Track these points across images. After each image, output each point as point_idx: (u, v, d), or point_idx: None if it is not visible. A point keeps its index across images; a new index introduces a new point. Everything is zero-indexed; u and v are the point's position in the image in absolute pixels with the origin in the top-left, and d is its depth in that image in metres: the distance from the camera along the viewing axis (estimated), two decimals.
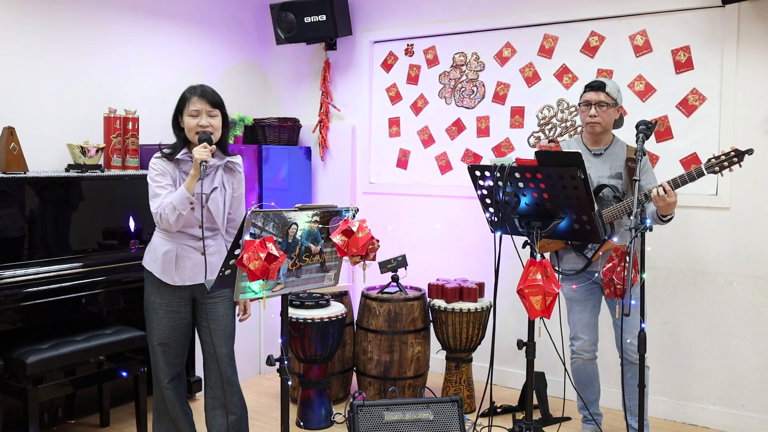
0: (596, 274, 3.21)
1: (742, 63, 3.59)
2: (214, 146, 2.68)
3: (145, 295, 2.81)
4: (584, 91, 3.21)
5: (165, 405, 2.87)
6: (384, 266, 3.99)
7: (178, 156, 2.75)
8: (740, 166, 2.92)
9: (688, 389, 3.82)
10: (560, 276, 3.26)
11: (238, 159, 2.88)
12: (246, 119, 4.64)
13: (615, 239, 3.12)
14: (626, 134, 3.63)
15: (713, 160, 2.92)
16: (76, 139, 3.91)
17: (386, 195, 4.83)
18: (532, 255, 2.46)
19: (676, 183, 2.93)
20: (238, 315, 2.94)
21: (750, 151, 2.89)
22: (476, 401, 4.03)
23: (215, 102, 2.76)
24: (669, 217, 3.03)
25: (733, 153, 2.90)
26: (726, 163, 2.90)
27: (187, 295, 2.78)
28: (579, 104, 3.23)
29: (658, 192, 2.91)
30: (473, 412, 3.92)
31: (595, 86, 3.16)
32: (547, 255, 3.32)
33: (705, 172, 2.92)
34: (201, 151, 2.60)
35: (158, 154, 2.77)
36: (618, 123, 3.26)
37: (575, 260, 3.23)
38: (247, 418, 2.94)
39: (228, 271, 2.36)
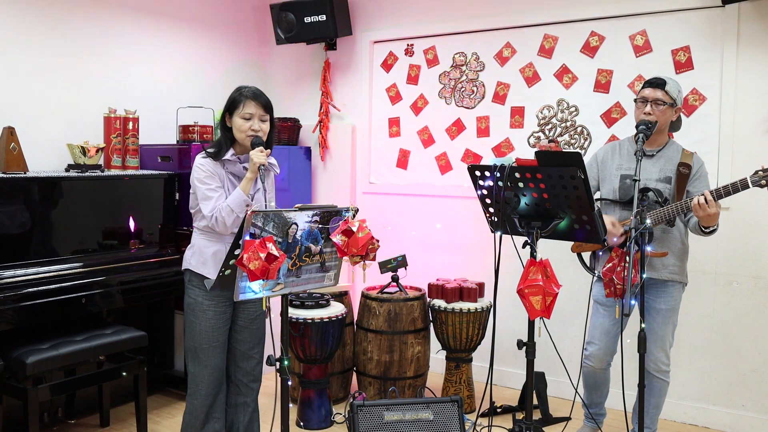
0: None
1: (742, 63, 3.59)
2: (269, 150, 2.74)
3: (190, 297, 2.81)
4: (642, 87, 3.05)
5: (196, 419, 2.85)
6: (384, 266, 3.99)
7: (227, 157, 2.77)
8: None
9: (688, 389, 3.82)
10: (596, 278, 3.18)
11: (273, 160, 2.93)
12: None
13: (649, 248, 2.86)
14: (627, 134, 3.63)
15: (761, 172, 2.77)
16: (76, 139, 3.91)
17: (386, 195, 4.83)
18: (532, 255, 2.45)
19: (719, 194, 2.78)
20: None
21: None
22: (476, 401, 4.03)
23: (268, 106, 2.81)
24: (711, 229, 2.90)
25: None
26: None
27: (231, 295, 2.80)
28: (635, 100, 3.08)
29: (698, 201, 2.78)
30: (473, 412, 3.92)
31: (654, 83, 3.00)
32: (586, 256, 3.27)
33: (750, 185, 2.76)
34: (260, 156, 2.65)
35: (203, 154, 2.79)
36: (675, 125, 3.10)
37: None
38: (259, 415, 3.03)
39: (228, 271, 2.36)
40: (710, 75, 3.69)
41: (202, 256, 2.78)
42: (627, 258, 2.56)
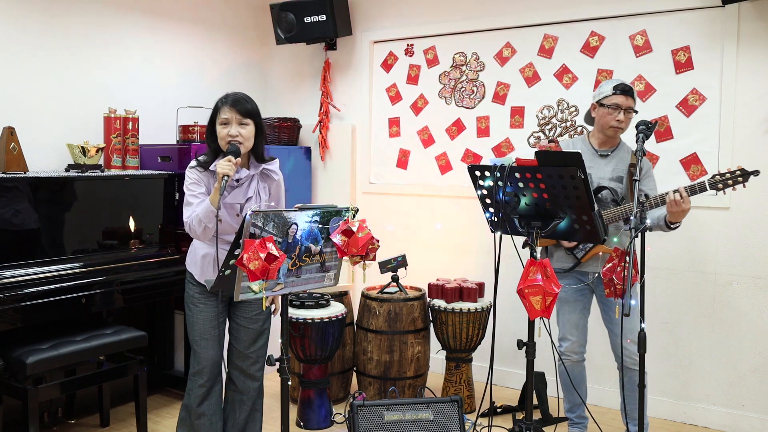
0: (590, 276, 3.18)
1: (742, 63, 3.59)
2: (239, 159, 2.66)
3: (185, 291, 2.87)
4: (613, 93, 3.09)
5: (190, 408, 2.88)
6: (384, 266, 3.99)
7: (212, 167, 2.73)
8: (744, 186, 2.91)
9: (688, 389, 3.82)
10: None
11: (274, 165, 2.88)
12: None
13: (614, 241, 3.08)
14: (626, 134, 3.63)
15: (718, 176, 2.91)
16: (76, 139, 3.91)
17: (386, 195, 4.83)
18: (532, 255, 2.45)
19: (693, 190, 2.90)
20: (273, 312, 3.00)
21: (756, 173, 2.88)
22: (476, 401, 4.03)
23: (245, 111, 2.71)
24: (676, 225, 3.01)
25: (739, 172, 2.88)
26: (730, 182, 2.88)
27: (225, 294, 2.82)
28: (604, 105, 3.11)
29: (674, 197, 2.87)
30: (473, 412, 3.92)
31: (627, 91, 3.08)
32: (538, 251, 3.30)
33: (708, 188, 2.90)
34: (224, 165, 2.57)
35: (193, 163, 2.78)
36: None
37: (565, 259, 3.20)
38: (262, 416, 3.03)
39: (228, 271, 2.36)
40: (710, 75, 3.69)
41: (194, 257, 2.83)
42: (627, 258, 2.56)
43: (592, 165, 3.15)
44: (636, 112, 3.15)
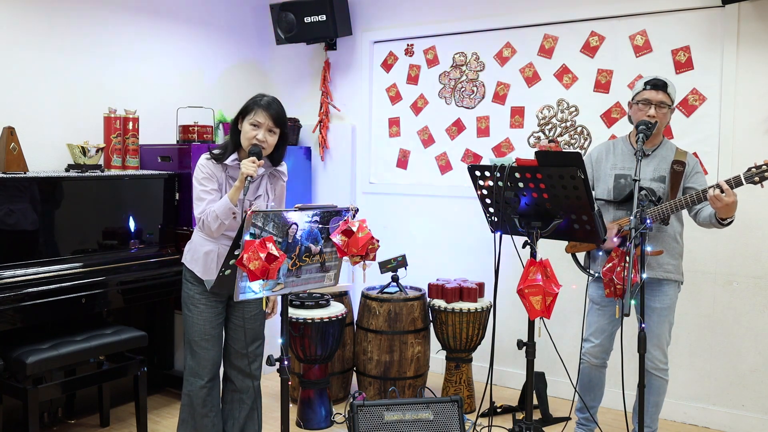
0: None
1: (742, 63, 3.59)
2: (262, 161, 2.70)
3: (184, 291, 2.87)
4: (643, 88, 2.97)
5: (193, 410, 2.88)
6: (384, 266, 3.99)
7: (228, 162, 2.77)
8: None
9: (688, 389, 3.82)
10: (591, 277, 3.18)
11: (283, 167, 2.94)
12: None
13: (648, 248, 2.84)
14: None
15: (754, 169, 2.75)
16: (76, 139, 3.91)
17: (386, 195, 4.83)
18: (532, 255, 2.45)
19: (738, 182, 2.74)
20: (267, 314, 3.01)
21: None
22: (476, 401, 4.03)
23: (279, 119, 2.76)
24: (729, 220, 2.85)
25: None
26: (767, 174, 2.72)
27: (224, 293, 2.82)
28: (635, 101, 3.02)
29: (714, 193, 2.73)
30: (473, 412, 3.92)
31: (658, 85, 2.94)
32: (580, 256, 3.28)
33: (744, 182, 2.75)
34: (249, 166, 2.61)
35: (207, 155, 2.80)
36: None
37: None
38: (260, 414, 3.03)
39: (228, 271, 2.36)
40: (710, 75, 3.68)
41: (195, 254, 2.83)
42: (627, 258, 2.56)
43: (633, 166, 3.05)
44: (671, 107, 2.98)
